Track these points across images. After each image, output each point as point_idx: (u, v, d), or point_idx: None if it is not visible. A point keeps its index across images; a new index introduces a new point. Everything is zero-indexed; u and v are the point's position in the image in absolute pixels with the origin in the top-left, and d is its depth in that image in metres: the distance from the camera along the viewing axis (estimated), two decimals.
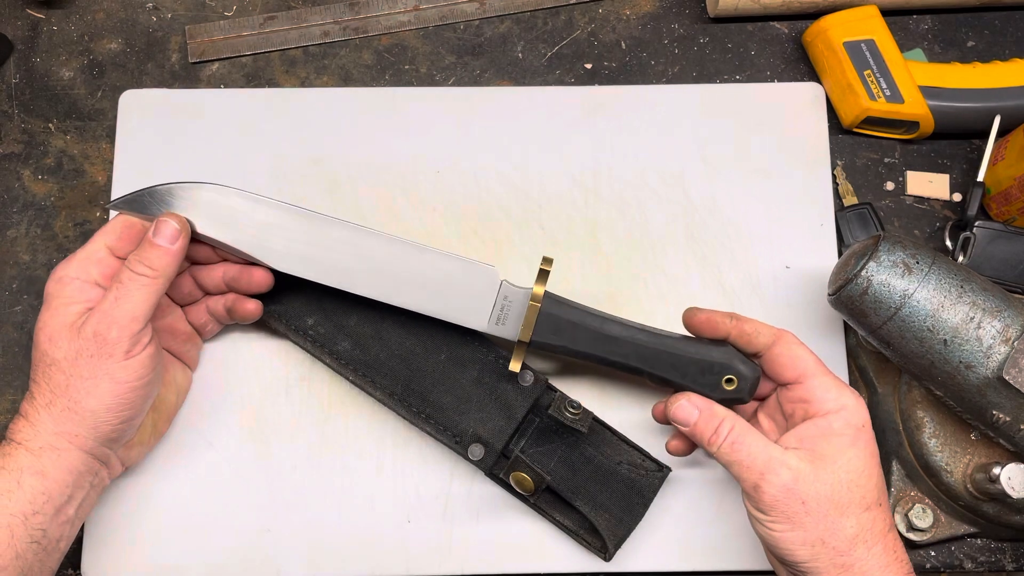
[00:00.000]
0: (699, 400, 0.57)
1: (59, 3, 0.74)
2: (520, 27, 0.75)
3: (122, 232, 0.58)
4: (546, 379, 0.63)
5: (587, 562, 0.63)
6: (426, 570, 0.63)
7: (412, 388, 0.63)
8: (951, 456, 0.62)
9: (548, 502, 0.63)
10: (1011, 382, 0.54)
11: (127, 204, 0.58)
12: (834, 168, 0.71)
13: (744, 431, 0.54)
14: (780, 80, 0.74)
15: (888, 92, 0.69)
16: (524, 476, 0.61)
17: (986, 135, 0.68)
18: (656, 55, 0.74)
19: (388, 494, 0.64)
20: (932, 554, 0.66)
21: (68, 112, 0.72)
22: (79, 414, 0.54)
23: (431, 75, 0.73)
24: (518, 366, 0.60)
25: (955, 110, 0.69)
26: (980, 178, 0.67)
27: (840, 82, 0.70)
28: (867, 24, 0.70)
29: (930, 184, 0.72)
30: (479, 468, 0.62)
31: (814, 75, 0.73)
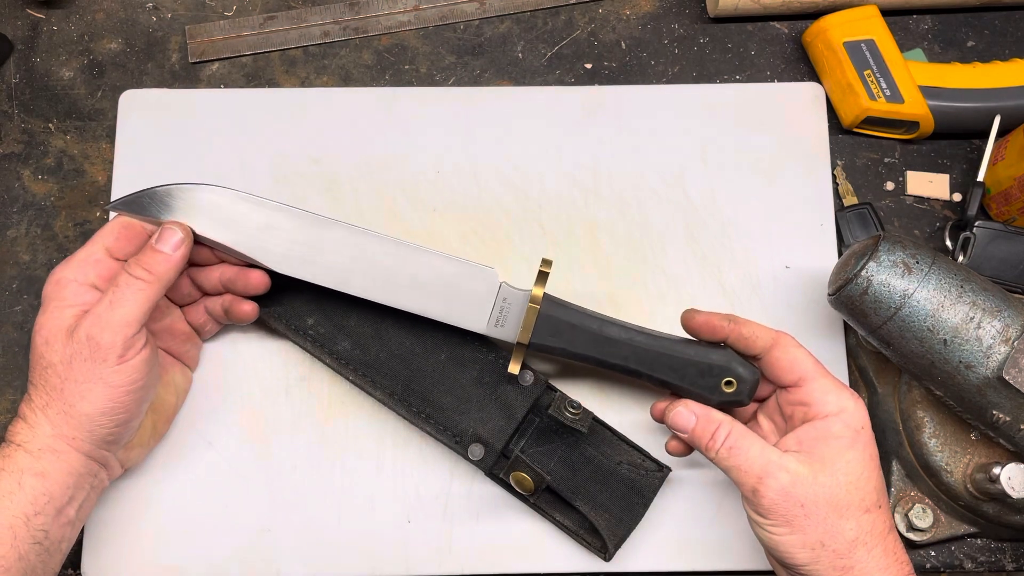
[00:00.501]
0: (696, 406, 0.57)
1: (59, 3, 0.74)
2: (520, 27, 0.75)
3: (120, 234, 0.58)
4: (546, 379, 0.63)
5: (587, 562, 0.63)
6: (426, 570, 0.63)
7: (412, 388, 0.63)
8: (951, 456, 0.62)
9: (548, 502, 0.63)
10: (1011, 382, 0.54)
11: (126, 205, 0.58)
12: (834, 168, 0.71)
13: (741, 435, 0.54)
14: (780, 80, 0.74)
15: (888, 92, 0.69)
16: (524, 476, 0.61)
17: (986, 135, 0.68)
18: (656, 55, 0.74)
19: (388, 494, 0.64)
20: (932, 554, 0.66)
21: (68, 112, 0.72)
22: (74, 417, 0.54)
23: (431, 75, 0.73)
24: (517, 368, 0.60)
25: (955, 110, 0.69)
26: (980, 178, 0.67)
27: (840, 82, 0.70)
28: (867, 24, 0.71)
29: (930, 184, 0.72)
30: (479, 468, 0.62)
31: (814, 75, 0.73)
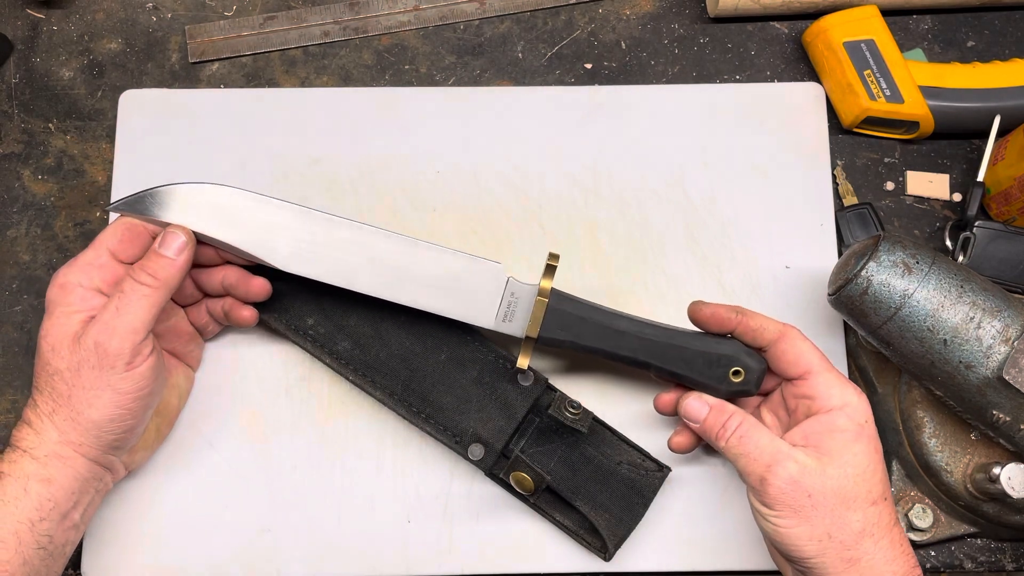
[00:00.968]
0: (708, 398, 0.58)
1: (59, 3, 0.74)
2: (520, 27, 0.75)
3: (124, 236, 0.57)
4: (546, 379, 0.64)
5: (587, 562, 0.63)
6: (426, 570, 0.63)
7: (412, 388, 0.63)
8: (951, 456, 0.62)
9: (548, 502, 0.63)
10: (1011, 382, 0.54)
11: (128, 206, 0.58)
12: (834, 168, 0.71)
13: (752, 426, 0.55)
14: (780, 80, 0.74)
15: (888, 92, 0.69)
16: (524, 476, 0.61)
17: (986, 135, 0.68)
18: (656, 55, 0.74)
19: (388, 494, 0.64)
20: (932, 554, 0.66)
21: (68, 112, 0.72)
22: (82, 424, 0.54)
23: (431, 75, 0.73)
24: (526, 362, 0.60)
25: (955, 110, 0.69)
26: (980, 178, 0.67)
27: (840, 82, 0.70)
28: (867, 24, 0.71)
29: (930, 184, 0.72)
30: (479, 468, 0.62)
31: (814, 75, 0.73)
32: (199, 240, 0.59)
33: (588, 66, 0.74)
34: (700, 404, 0.58)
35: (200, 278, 0.62)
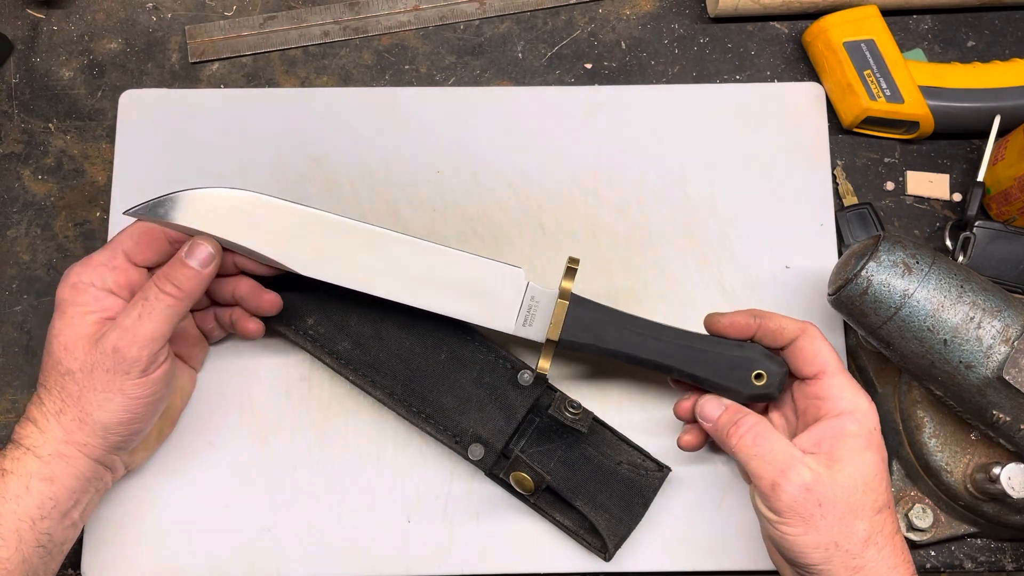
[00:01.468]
0: (725, 400, 0.59)
1: (59, 3, 0.74)
2: (520, 27, 0.75)
3: (140, 238, 0.57)
4: (546, 379, 0.63)
5: (587, 562, 0.63)
6: (426, 570, 0.63)
7: (412, 388, 0.63)
8: (951, 456, 0.62)
9: (548, 502, 0.63)
10: (1011, 382, 0.54)
11: (148, 211, 0.56)
12: (834, 168, 0.71)
13: (767, 429, 0.55)
14: (780, 80, 0.74)
15: (888, 92, 0.69)
16: (524, 476, 0.61)
17: (986, 135, 0.68)
18: (656, 55, 0.74)
19: (388, 494, 0.64)
20: (932, 554, 0.66)
21: (68, 112, 0.72)
22: (89, 425, 0.54)
23: (431, 75, 0.73)
24: (547, 364, 0.60)
25: (955, 110, 0.69)
26: (980, 178, 0.67)
27: (840, 82, 0.70)
28: (867, 24, 0.70)
29: (930, 184, 0.72)
30: (479, 468, 0.62)
31: (814, 75, 0.73)
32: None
33: (588, 66, 0.74)
34: (716, 402, 0.58)
35: (212, 286, 0.61)
